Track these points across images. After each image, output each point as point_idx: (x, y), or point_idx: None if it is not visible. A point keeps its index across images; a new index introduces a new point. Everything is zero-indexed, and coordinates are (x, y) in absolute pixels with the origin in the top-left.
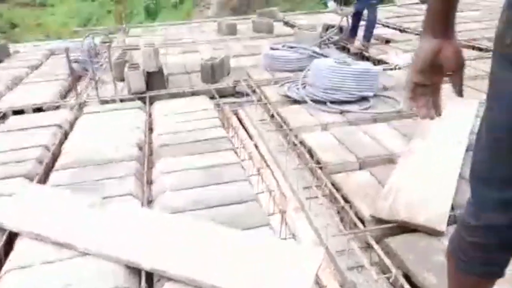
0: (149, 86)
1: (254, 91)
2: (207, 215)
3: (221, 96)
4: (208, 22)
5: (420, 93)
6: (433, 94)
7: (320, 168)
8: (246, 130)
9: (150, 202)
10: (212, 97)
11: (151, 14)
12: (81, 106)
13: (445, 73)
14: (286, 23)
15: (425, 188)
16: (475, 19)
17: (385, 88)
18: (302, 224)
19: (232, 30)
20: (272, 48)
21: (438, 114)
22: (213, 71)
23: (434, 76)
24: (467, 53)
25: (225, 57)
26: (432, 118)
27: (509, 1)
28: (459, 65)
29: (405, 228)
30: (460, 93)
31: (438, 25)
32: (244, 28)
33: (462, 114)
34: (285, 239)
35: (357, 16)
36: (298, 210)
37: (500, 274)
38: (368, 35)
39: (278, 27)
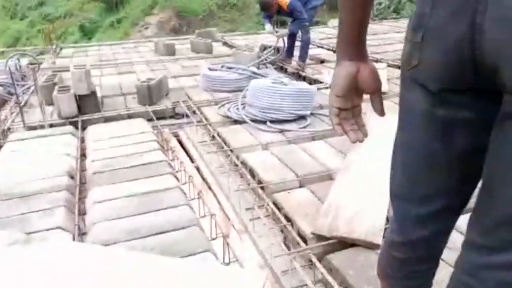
0: (81, 109)
1: (194, 112)
2: (145, 244)
3: (160, 118)
4: (145, 42)
5: (344, 117)
6: (356, 117)
7: (262, 188)
8: (186, 152)
9: (83, 234)
10: (150, 120)
11: (87, 33)
12: (4, 133)
13: (364, 95)
14: (225, 44)
15: (362, 203)
16: (400, 40)
17: (321, 107)
18: (247, 246)
19: (170, 50)
20: (210, 69)
21: (365, 134)
22: (150, 93)
23: (354, 99)
24: (393, 72)
25: (163, 78)
26: (361, 141)
27: (413, 24)
28: (377, 86)
29: (345, 243)
30: (381, 112)
31: (352, 48)
32: (183, 48)
33: (390, 127)
34: (228, 263)
35: (291, 38)
36: (242, 232)
37: (425, 285)
38: (303, 56)
39: (217, 47)
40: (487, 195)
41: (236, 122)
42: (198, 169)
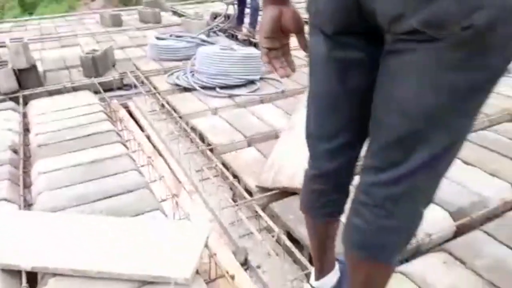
0: (22, 84)
1: (142, 83)
2: (93, 208)
3: (107, 90)
4: (90, 14)
5: (274, 56)
6: (284, 55)
7: (211, 150)
8: (136, 122)
9: (30, 206)
10: (96, 92)
11: (28, 8)
12: None
13: (289, 35)
14: (175, 13)
15: (302, 157)
16: None
17: (269, 71)
18: (197, 205)
19: (116, 22)
20: (158, 38)
21: (293, 70)
22: (95, 64)
23: (281, 39)
24: None
25: (108, 49)
26: (289, 76)
27: None
28: (299, 26)
29: (286, 193)
30: (305, 48)
31: None
32: (130, 19)
33: None
34: (179, 220)
35: (241, 5)
36: (193, 192)
37: (339, 213)
38: (253, 22)
39: (166, 17)
40: (374, 123)
41: (185, 89)
42: (148, 137)
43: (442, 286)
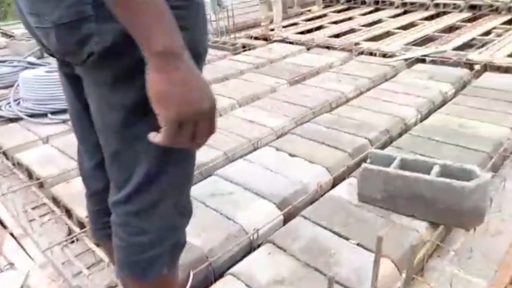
0: None
1: None
2: None
3: None
4: None
5: None
6: None
7: (41, 184)
8: None
9: None
10: None
11: None
12: None
13: None
14: (3, 34)
15: None
16: None
17: None
18: (27, 249)
19: None
20: None
21: None
22: None
23: None
24: None
25: None
26: None
27: None
28: None
29: None
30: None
31: None
32: None
33: None
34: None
35: None
36: (22, 236)
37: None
38: None
39: None
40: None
41: (11, 120)
42: None
43: (266, 278)
